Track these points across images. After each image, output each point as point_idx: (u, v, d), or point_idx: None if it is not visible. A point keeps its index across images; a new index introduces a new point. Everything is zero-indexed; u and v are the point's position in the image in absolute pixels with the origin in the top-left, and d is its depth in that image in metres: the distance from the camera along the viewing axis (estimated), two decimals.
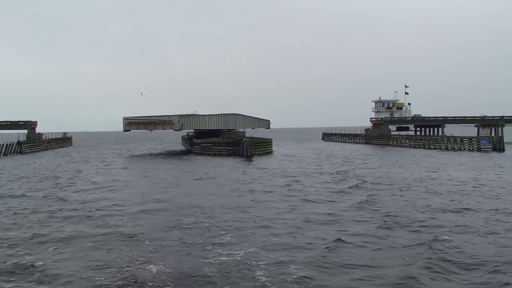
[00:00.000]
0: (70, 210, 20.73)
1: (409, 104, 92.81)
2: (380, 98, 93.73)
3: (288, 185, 28.98)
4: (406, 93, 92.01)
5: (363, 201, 22.02)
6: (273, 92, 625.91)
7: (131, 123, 69.86)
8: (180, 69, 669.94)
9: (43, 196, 25.14)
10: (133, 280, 11.16)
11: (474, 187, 26.90)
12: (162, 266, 12.27)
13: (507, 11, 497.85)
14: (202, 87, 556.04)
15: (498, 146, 57.66)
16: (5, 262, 12.74)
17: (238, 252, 13.49)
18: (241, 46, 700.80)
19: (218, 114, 75.97)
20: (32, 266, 12.40)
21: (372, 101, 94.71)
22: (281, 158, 53.90)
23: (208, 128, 75.91)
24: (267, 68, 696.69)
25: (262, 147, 61.47)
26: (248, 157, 53.02)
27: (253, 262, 12.52)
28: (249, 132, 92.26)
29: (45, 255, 13.55)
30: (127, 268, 12.14)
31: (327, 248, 13.82)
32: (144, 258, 13.04)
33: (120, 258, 13.18)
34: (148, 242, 14.85)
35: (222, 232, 16.14)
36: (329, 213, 19.35)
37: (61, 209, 21.11)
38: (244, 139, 59.99)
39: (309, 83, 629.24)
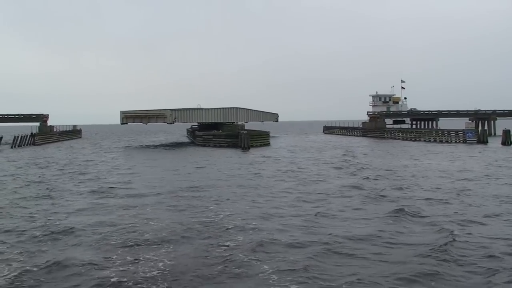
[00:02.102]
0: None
1: (405, 98, 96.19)
2: (377, 92, 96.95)
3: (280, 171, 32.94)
4: (402, 87, 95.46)
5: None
6: (281, 88, 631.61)
7: (127, 117, 73.87)
8: (189, 66, 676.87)
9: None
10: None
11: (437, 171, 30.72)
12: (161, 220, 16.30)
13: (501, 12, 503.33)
14: (211, 84, 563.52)
15: (482, 139, 60.98)
16: None
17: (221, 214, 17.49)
18: (248, 45, 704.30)
19: (217, 108, 79.52)
20: None
21: (370, 95, 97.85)
22: (276, 150, 57.38)
23: (205, 122, 79.55)
24: (277, 66, 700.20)
25: (260, 139, 65.07)
26: (245, 149, 56.64)
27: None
28: (257, 126, 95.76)
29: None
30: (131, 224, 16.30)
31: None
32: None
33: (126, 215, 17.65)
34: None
35: (208, 199, 20.59)
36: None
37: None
38: (242, 131, 63.77)
39: (316, 81, 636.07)
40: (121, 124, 74.40)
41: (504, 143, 56.53)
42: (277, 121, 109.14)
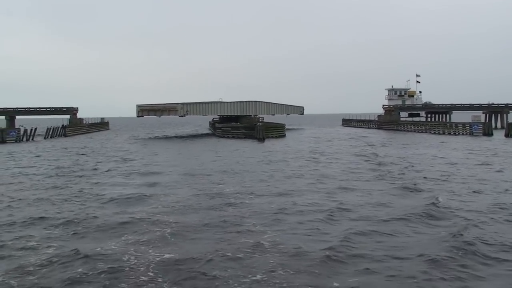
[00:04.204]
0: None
1: (420, 92, 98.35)
2: (392, 86, 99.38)
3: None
4: (417, 81, 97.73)
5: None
6: (306, 82, 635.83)
7: (143, 110, 78.82)
8: (211, 61, 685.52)
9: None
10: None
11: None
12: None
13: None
14: (233, 79, 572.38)
15: (487, 131, 63.72)
16: None
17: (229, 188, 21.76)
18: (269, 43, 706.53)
19: (235, 102, 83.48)
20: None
21: (385, 89, 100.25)
22: (290, 141, 61.06)
23: (222, 114, 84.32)
24: (299, 61, 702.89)
25: (275, 131, 68.69)
26: (261, 140, 60.58)
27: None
28: (282, 119, 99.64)
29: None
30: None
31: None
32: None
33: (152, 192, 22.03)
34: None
35: (216, 179, 24.95)
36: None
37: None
38: (258, 123, 67.84)
39: (338, 75, 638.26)
40: (137, 116, 79.31)
41: (507, 135, 59.14)
42: (302, 114, 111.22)
